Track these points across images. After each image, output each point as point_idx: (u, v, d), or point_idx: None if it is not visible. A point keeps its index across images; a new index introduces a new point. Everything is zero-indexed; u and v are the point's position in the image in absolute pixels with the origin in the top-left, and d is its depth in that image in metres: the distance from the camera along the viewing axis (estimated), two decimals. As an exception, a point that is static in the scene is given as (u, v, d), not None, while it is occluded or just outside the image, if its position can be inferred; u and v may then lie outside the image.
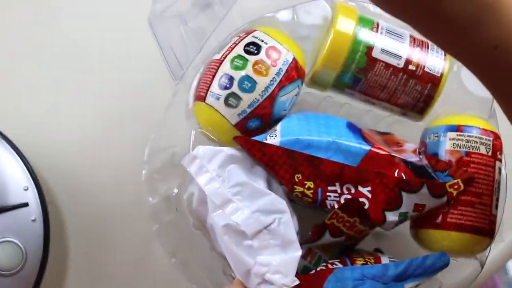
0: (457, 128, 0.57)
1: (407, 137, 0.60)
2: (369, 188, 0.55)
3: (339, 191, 0.55)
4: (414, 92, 0.58)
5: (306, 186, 0.54)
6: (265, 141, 0.55)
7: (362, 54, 0.56)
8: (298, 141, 0.55)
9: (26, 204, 0.60)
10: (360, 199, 0.55)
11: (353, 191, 0.55)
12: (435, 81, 0.58)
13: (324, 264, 0.56)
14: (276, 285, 0.52)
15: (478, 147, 0.56)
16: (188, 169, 0.54)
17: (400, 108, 0.59)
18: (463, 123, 0.57)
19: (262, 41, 0.56)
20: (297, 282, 0.53)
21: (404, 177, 0.55)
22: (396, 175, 0.55)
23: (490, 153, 0.56)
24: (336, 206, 0.54)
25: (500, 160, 0.57)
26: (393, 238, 0.61)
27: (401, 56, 0.57)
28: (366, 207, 0.54)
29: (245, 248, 0.53)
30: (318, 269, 0.55)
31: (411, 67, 0.57)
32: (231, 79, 0.55)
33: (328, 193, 0.55)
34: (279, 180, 0.54)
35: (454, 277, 0.58)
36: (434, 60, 0.58)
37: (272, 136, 0.55)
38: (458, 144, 0.56)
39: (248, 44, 0.56)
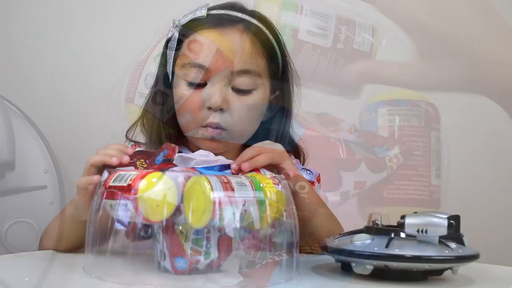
0: (387, 103, 0.56)
1: (348, 117, 0.60)
2: None
3: None
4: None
5: None
6: None
7: (289, 37, 0.56)
8: None
9: (44, 187, 0.60)
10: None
11: None
12: (365, 58, 0.57)
13: None
14: None
15: (409, 119, 0.55)
16: None
17: (334, 88, 0.59)
18: (393, 97, 0.57)
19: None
20: None
21: (342, 156, 0.55)
22: (333, 154, 0.54)
23: (423, 124, 0.56)
24: None
25: (437, 129, 0.57)
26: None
27: (327, 36, 0.57)
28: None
29: None
30: None
31: (339, 45, 0.57)
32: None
33: None
34: None
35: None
36: (362, 36, 0.57)
37: None
38: (389, 119, 0.56)
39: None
